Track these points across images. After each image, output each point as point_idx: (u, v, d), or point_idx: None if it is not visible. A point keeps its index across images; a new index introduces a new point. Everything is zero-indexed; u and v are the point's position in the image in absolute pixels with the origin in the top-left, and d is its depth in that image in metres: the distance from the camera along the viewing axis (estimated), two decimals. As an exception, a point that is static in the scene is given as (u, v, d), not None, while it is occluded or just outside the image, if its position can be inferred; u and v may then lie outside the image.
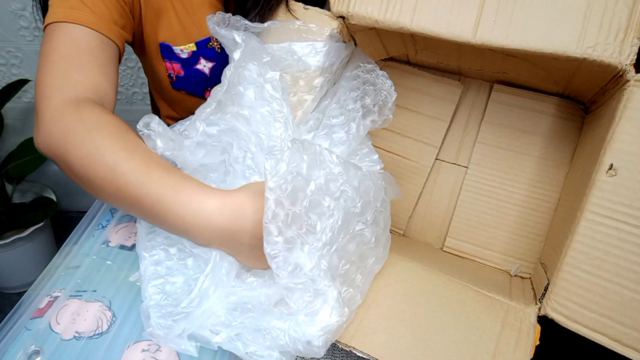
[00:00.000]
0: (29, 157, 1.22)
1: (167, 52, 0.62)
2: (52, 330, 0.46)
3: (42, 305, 0.48)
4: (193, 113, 0.53)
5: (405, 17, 0.49)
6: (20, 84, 1.18)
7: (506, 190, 0.61)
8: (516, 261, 0.59)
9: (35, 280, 0.51)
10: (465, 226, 0.63)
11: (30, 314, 0.48)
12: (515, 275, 0.59)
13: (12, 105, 1.27)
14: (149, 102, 1.01)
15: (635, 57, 0.42)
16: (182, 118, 0.54)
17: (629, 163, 0.42)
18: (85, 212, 0.60)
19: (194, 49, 0.63)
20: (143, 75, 1.25)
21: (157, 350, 0.45)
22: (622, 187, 0.42)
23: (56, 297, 0.49)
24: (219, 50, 0.64)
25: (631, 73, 0.42)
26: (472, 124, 0.64)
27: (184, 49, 0.62)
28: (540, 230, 0.59)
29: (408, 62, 0.66)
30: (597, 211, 0.43)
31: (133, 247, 0.56)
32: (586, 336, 0.43)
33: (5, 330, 0.46)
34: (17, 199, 1.33)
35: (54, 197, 1.32)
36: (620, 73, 0.43)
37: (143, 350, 0.45)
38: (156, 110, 0.80)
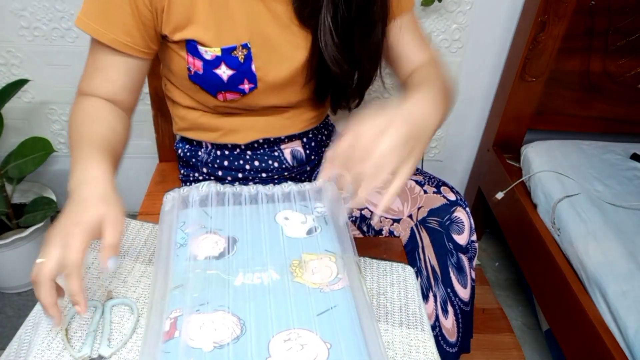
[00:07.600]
0: (29, 157, 1.22)
1: (192, 49, 0.65)
2: (191, 347, 0.47)
3: (167, 328, 0.49)
4: (202, 104, 0.72)
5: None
6: (20, 84, 1.18)
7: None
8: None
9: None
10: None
11: (159, 339, 0.48)
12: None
13: (12, 105, 1.27)
14: (148, 102, 1.01)
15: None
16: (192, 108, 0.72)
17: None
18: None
19: (219, 54, 0.64)
20: (143, 75, 1.24)
21: (298, 337, 0.48)
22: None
23: (177, 317, 0.50)
24: (242, 61, 0.65)
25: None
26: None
27: (209, 51, 0.64)
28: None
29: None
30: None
31: (221, 255, 0.58)
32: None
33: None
34: (17, 199, 1.33)
35: (54, 197, 1.32)
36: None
37: (285, 341, 0.48)
38: (162, 101, 0.80)
